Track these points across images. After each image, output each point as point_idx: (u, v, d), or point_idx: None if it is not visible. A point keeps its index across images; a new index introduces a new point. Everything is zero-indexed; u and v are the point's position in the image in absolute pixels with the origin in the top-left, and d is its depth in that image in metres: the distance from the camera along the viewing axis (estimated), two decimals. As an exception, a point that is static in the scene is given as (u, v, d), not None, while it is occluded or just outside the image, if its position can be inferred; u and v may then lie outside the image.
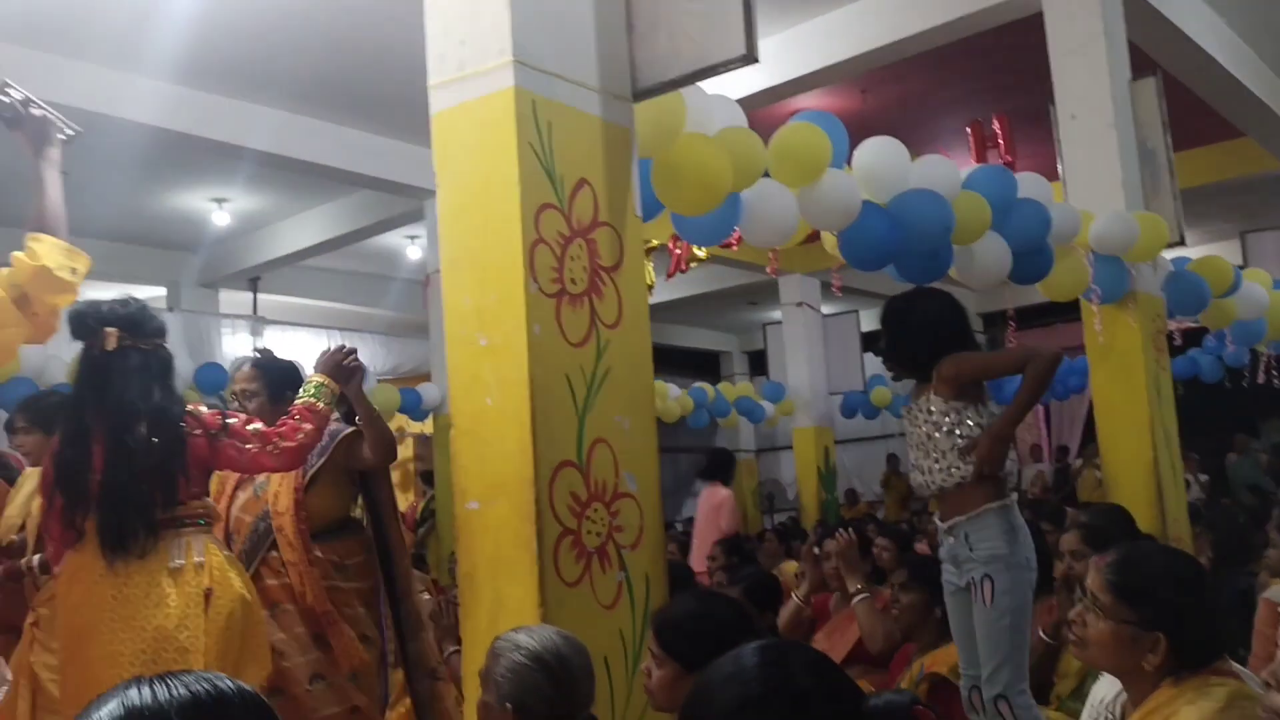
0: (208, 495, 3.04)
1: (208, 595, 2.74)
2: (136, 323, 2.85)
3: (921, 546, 5.71)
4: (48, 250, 2.47)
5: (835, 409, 11.29)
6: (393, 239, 10.10)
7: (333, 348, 3.32)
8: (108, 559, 2.69)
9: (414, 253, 10.42)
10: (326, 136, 7.24)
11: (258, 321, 9.83)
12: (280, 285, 10.66)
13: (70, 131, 2.68)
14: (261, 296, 10.60)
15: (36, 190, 2.58)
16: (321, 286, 11.05)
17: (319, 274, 10.95)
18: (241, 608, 2.81)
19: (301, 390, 3.14)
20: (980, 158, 7.18)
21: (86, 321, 2.82)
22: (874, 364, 13.03)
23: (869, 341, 12.33)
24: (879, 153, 3.88)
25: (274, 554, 3.28)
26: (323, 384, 3.13)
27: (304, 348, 10.43)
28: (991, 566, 2.94)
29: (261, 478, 3.35)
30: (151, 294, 10.33)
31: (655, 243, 7.15)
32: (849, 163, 3.86)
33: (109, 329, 2.79)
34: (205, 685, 0.97)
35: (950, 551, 3.10)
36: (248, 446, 2.89)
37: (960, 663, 3.09)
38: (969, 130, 7.40)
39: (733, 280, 11.48)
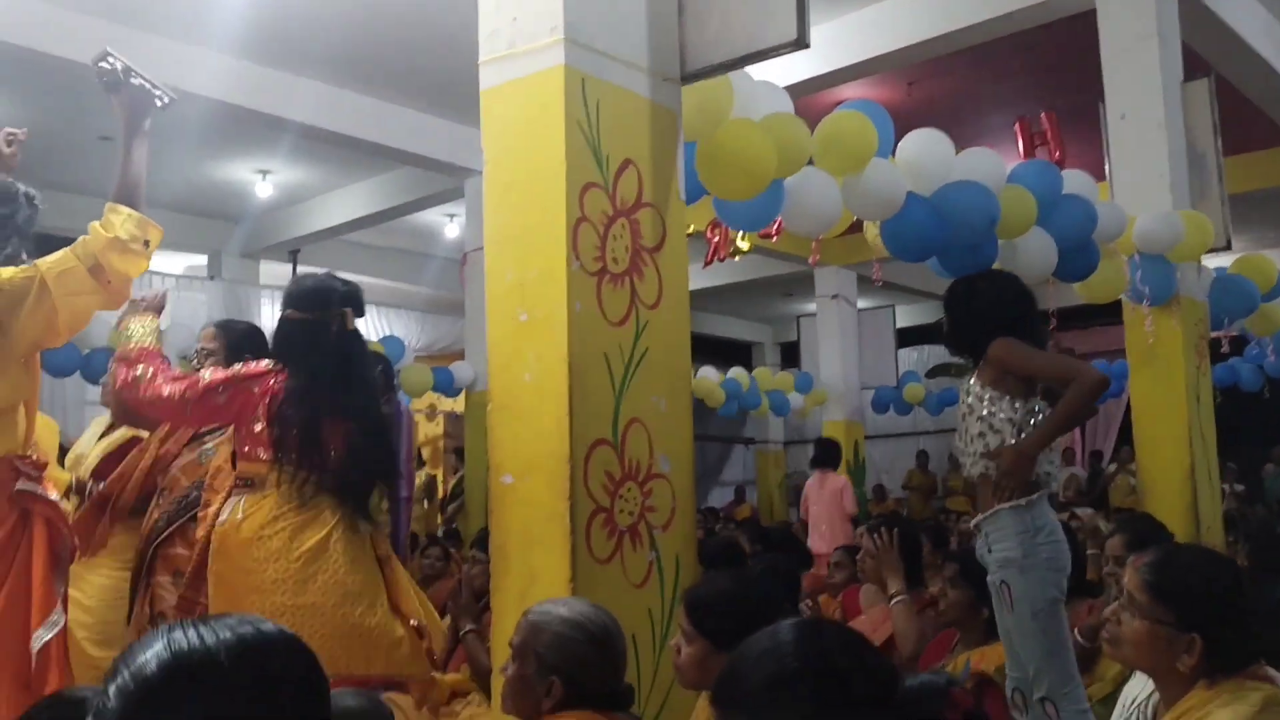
0: None
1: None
2: (360, 304, 3.00)
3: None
4: (122, 222, 2.53)
5: (866, 404, 11.23)
6: (431, 216, 10.14)
7: None
8: (351, 521, 2.87)
9: (452, 231, 10.46)
10: (370, 112, 7.28)
11: (296, 294, 9.88)
12: (319, 258, 10.72)
13: (167, 99, 2.73)
14: (301, 269, 10.69)
15: (123, 160, 2.64)
16: (359, 261, 11.11)
17: (357, 249, 11.02)
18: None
19: None
20: (1028, 154, 7.10)
21: (330, 298, 2.95)
22: (908, 359, 12.97)
23: (904, 337, 12.25)
24: (924, 144, 3.85)
25: (193, 524, 3.14)
26: None
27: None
28: (1006, 571, 2.90)
29: (210, 444, 3.33)
30: (193, 262, 10.47)
31: (692, 229, 7.12)
32: (893, 154, 3.83)
33: (347, 309, 2.94)
34: (249, 628, 0.99)
35: (979, 552, 3.08)
36: None
37: (1006, 662, 3.06)
38: (1017, 126, 7.31)
39: (769, 271, 11.43)
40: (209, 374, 2.91)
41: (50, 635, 2.44)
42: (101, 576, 3.50)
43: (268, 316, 9.11)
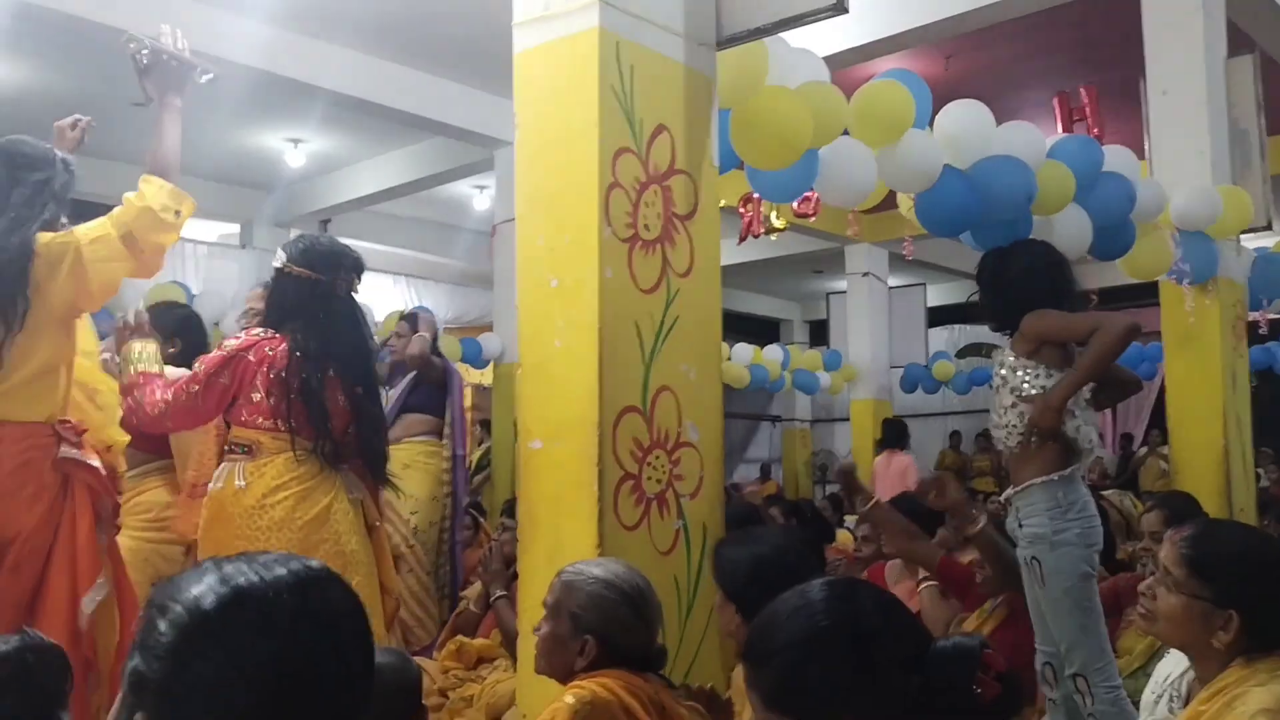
0: None
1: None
2: (362, 274, 3.07)
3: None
4: (155, 192, 2.61)
5: (895, 382, 11.15)
6: (461, 188, 10.13)
7: None
8: (347, 489, 2.92)
9: (482, 203, 10.45)
10: (402, 81, 7.26)
11: (326, 263, 9.92)
12: (349, 229, 10.73)
13: (207, 75, 2.81)
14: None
15: (156, 134, 2.71)
16: (390, 232, 11.12)
17: (388, 220, 11.03)
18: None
19: None
20: (1067, 130, 6.98)
21: (343, 261, 2.99)
22: (938, 339, 12.86)
23: (935, 316, 12.14)
24: (963, 116, 3.78)
25: None
26: None
27: (370, 292, 10.56)
28: (1037, 547, 2.89)
29: None
30: (225, 231, 10.52)
31: (724, 203, 7.07)
32: (931, 126, 3.77)
33: (354, 275, 3.01)
34: (298, 565, 0.97)
35: (1009, 526, 3.06)
36: None
37: (1036, 637, 3.05)
38: (1055, 101, 7.19)
39: (799, 247, 11.32)
40: (200, 364, 2.89)
41: (101, 597, 2.53)
42: (126, 538, 3.55)
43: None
